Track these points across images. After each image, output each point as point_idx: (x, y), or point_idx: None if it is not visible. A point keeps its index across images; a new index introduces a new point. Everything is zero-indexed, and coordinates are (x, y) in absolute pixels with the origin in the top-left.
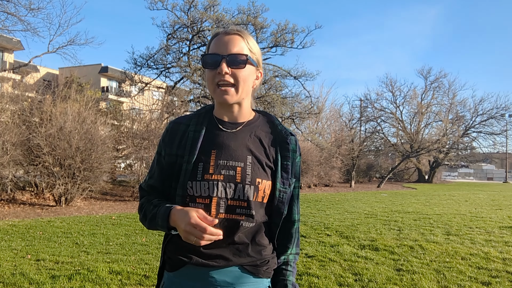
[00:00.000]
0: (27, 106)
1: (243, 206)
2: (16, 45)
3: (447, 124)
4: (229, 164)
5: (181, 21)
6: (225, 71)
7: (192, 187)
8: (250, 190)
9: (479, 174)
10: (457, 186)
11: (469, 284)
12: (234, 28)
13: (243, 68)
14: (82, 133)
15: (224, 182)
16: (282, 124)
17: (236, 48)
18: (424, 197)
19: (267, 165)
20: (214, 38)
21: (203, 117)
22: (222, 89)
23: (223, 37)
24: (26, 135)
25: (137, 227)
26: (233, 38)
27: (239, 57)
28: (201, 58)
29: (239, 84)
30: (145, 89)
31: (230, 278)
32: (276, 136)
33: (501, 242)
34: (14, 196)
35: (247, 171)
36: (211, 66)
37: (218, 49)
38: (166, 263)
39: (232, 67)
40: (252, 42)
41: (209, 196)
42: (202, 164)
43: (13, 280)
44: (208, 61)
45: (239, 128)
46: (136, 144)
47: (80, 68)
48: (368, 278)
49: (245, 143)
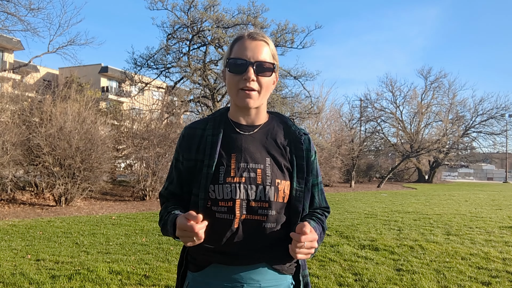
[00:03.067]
0: (27, 106)
1: (264, 206)
2: (16, 45)
3: (447, 124)
4: (249, 167)
5: (181, 21)
6: (253, 78)
7: (214, 191)
8: (271, 191)
9: (479, 174)
10: (457, 186)
11: (469, 284)
12: (260, 33)
13: (268, 76)
14: (82, 133)
15: (245, 184)
16: (295, 124)
17: (262, 56)
18: (424, 197)
19: (285, 165)
20: (238, 41)
21: (219, 121)
22: (246, 93)
23: (250, 42)
24: (26, 135)
25: (137, 227)
26: (259, 45)
27: (266, 65)
28: (226, 61)
29: (263, 90)
30: (145, 89)
31: (255, 275)
32: (290, 136)
33: (501, 242)
34: (14, 196)
35: (267, 173)
36: (237, 71)
37: (244, 54)
38: (190, 263)
39: (259, 74)
40: (274, 48)
41: (232, 198)
42: (224, 168)
43: (13, 280)
44: (234, 65)
45: (256, 131)
46: (136, 144)
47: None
48: (368, 278)
49: (263, 145)
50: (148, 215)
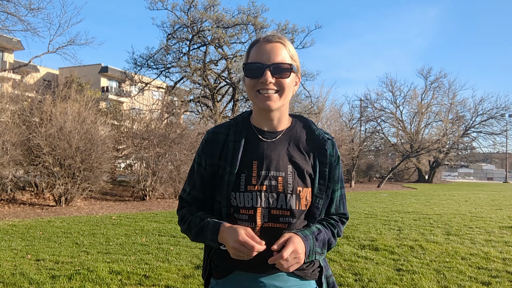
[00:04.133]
0: (27, 106)
1: (286, 215)
2: (16, 45)
3: (447, 124)
4: (270, 175)
5: (181, 21)
6: (270, 80)
7: (236, 198)
8: (292, 199)
9: (479, 174)
10: (457, 186)
11: (469, 284)
12: (276, 35)
13: (287, 77)
14: (82, 133)
15: (266, 192)
16: (319, 128)
17: (279, 57)
18: (424, 197)
19: (307, 172)
20: (254, 46)
21: (241, 126)
22: (265, 95)
23: (265, 45)
24: (26, 135)
25: (137, 227)
26: (275, 46)
27: (283, 65)
28: (243, 67)
29: (283, 92)
30: (145, 89)
31: (278, 282)
32: (314, 141)
33: (501, 242)
34: (14, 196)
35: (288, 181)
36: (255, 76)
37: (260, 58)
38: (214, 270)
39: (276, 76)
40: (292, 49)
41: (253, 207)
42: (245, 176)
43: (13, 280)
44: (251, 69)
45: (278, 137)
46: (136, 144)
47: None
48: (368, 278)
49: (285, 152)
50: (148, 215)
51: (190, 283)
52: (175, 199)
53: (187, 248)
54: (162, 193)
